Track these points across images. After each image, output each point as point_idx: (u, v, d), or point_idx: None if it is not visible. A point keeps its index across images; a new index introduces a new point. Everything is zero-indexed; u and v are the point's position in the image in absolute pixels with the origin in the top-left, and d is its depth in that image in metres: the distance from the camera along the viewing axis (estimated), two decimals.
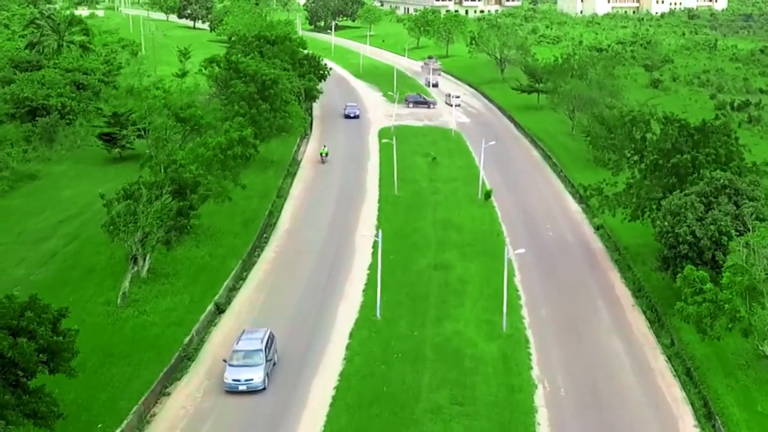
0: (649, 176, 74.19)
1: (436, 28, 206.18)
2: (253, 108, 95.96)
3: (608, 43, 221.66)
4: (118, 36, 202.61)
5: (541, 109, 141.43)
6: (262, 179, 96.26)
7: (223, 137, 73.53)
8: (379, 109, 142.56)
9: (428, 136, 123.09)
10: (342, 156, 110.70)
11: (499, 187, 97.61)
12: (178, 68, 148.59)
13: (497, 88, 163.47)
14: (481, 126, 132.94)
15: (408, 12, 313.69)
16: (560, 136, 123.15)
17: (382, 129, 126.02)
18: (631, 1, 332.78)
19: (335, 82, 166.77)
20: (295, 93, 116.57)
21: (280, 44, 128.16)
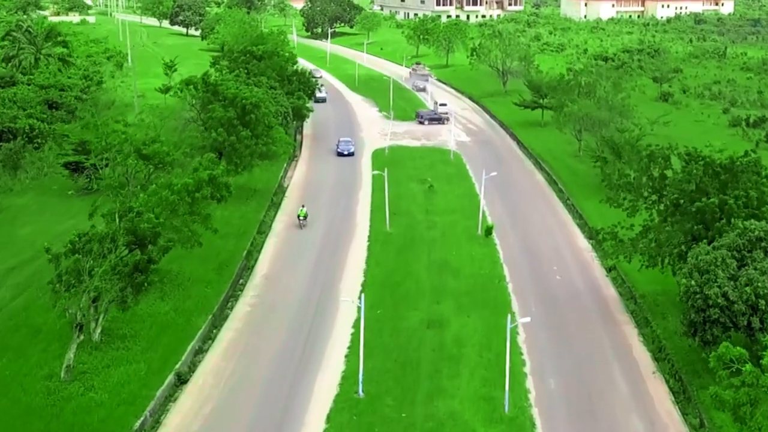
0: (670, 219, 65.69)
1: (435, 37, 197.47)
2: (232, 135, 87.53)
3: (614, 51, 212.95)
4: (104, 46, 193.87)
5: (546, 126, 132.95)
6: (242, 212, 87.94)
7: (191, 178, 64.96)
8: (374, 127, 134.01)
9: (425, 158, 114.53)
10: (331, 182, 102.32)
11: (501, 219, 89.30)
12: (162, 83, 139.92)
13: (499, 101, 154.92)
14: (482, 145, 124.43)
15: (408, 17, 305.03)
16: (566, 158, 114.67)
17: (376, 151, 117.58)
18: (636, 6, 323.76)
19: (329, 95, 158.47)
20: (282, 113, 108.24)
21: (268, 60, 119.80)
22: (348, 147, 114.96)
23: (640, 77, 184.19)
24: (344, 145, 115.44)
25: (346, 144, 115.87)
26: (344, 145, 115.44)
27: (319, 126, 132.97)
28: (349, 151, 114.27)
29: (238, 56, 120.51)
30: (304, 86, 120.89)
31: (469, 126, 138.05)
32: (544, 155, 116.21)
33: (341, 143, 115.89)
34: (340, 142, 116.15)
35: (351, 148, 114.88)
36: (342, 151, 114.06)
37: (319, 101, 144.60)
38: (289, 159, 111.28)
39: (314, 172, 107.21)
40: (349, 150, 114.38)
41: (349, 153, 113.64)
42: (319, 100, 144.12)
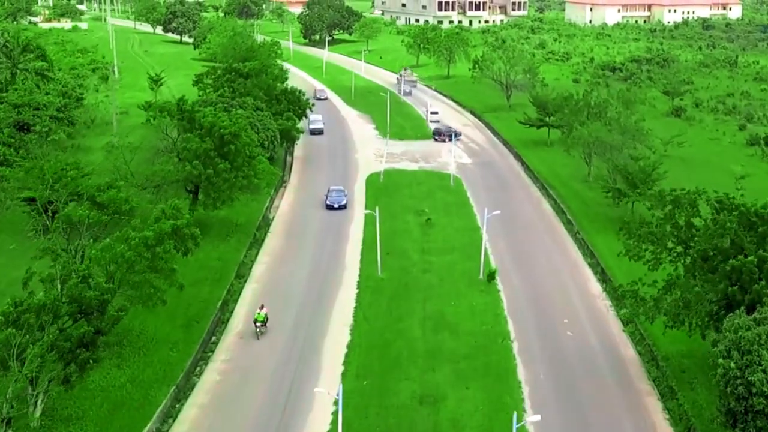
0: (699, 276, 57.22)
1: (436, 46, 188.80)
2: (209, 168, 79.04)
3: (621, 60, 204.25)
4: (91, 57, 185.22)
5: (552, 145, 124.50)
6: (221, 252, 79.52)
7: (151, 230, 56.47)
8: (369, 147, 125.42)
9: (423, 184, 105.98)
10: (321, 214, 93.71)
11: (505, 259, 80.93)
12: (147, 99, 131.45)
13: (503, 117, 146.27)
14: (485, 168, 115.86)
15: (409, 22, 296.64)
16: (574, 183, 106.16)
17: (371, 176, 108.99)
18: (641, 11, 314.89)
19: (325, 110, 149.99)
20: (269, 137, 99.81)
21: (255, 78, 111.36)
22: (339, 199, 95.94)
23: (649, 89, 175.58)
24: (335, 196, 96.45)
25: (337, 195, 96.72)
26: (335, 196, 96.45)
27: (312, 146, 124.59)
28: (340, 203, 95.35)
29: (222, 74, 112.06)
30: (294, 106, 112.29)
31: (470, 145, 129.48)
32: (551, 180, 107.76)
33: (331, 193, 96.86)
34: (331, 192, 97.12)
35: (342, 200, 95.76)
36: (332, 203, 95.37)
37: (315, 132, 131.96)
38: (277, 185, 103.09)
39: (303, 202, 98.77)
40: (340, 203, 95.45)
41: (340, 206, 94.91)
42: (315, 132, 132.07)
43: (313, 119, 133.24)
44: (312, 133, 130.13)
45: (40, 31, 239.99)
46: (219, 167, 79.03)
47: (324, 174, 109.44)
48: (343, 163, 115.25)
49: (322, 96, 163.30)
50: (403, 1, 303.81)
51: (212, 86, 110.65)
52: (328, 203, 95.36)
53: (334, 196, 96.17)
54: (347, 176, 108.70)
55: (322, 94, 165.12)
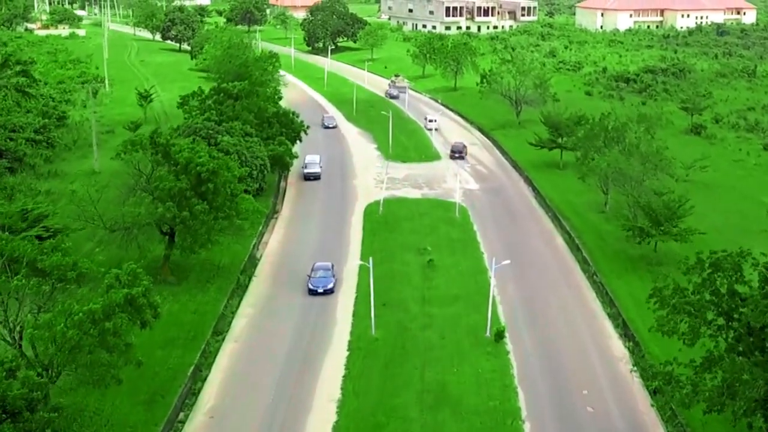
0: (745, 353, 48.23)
1: (442, 57, 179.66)
2: (185, 209, 70.19)
3: (635, 70, 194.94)
4: (81, 69, 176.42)
5: (565, 168, 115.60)
6: (198, 303, 70.80)
7: (99, 303, 47.62)
8: (370, 171, 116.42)
9: (426, 215, 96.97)
10: (312, 253, 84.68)
11: (515, 309, 72.18)
12: (134, 118, 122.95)
13: (512, 135, 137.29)
14: (493, 195, 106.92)
15: (416, 28, 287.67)
16: (590, 214, 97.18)
17: (370, 206, 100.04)
18: (654, 16, 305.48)
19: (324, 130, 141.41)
20: (258, 166, 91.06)
21: (245, 99, 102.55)
22: (325, 282, 73.53)
23: (665, 103, 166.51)
24: (320, 278, 73.79)
25: (324, 275, 74.18)
26: (320, 278, 73.79)
27: None
28: (326, 287, 73.11)
29: (210, 95, 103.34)
30: (287, 129, 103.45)
31: (478, 168, 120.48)
32: (564, 209, 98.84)
33: (316, 273, 74.43)
34: (315, 272, 74.57)
35: (329, 283, 73.42)
36: (315, 287, 72.86)
37: (310, 178, 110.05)
38: (268, 216, 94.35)
39: (294, 238, 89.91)
40: (325, 286, 73.15)
41: (325, 290, 73.19)
42: (309, 177, 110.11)
43: (309, 161, 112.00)
44: (306, 178, 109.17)
45: (35, 39, 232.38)
46: (196, 209, 70.17)
47: (319, 203, 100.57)
48: (340, 191, 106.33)
49: (330, 124, 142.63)
50: (410, 6, 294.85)
51: (198, 109, 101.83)
52: (311, 287, 73.20)
53: (319, 278, 73.99)
54: (344, 206, 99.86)
55: (330, 121, 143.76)
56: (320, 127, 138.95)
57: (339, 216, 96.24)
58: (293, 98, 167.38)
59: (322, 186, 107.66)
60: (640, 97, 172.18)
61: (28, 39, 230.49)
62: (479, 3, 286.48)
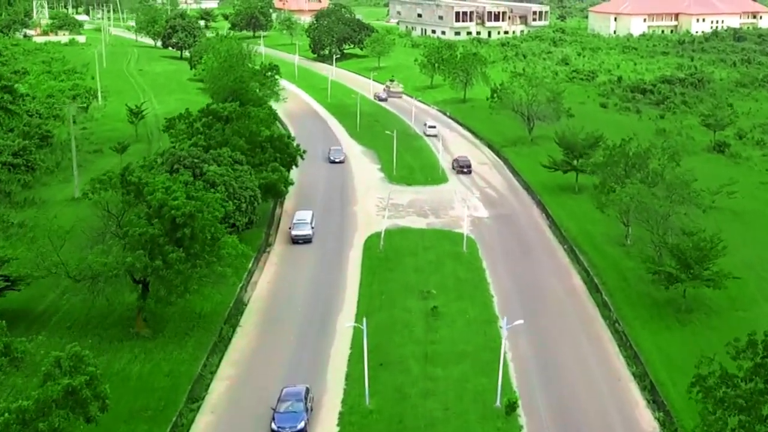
0: None
1: (451, 68, 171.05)
2: (157, 259, 62.01)
3: (651, 80, 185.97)
4: (74, 81, 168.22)
5: (581, 192, 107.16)
6: (173, 362, 62.81)
7: (33, 396, 39.50)
8: (372, 195, 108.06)
9: (431, 250, 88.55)
10: (304, 297, 76.55)
11: (529, 369, 63.89)
12: (117, 142, 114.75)
13: (524, 153, 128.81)
14: (504, 224, 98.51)
15: (425, 33, 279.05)
16: (610, 248, 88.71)
17: (370, 238, 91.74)
18: (668, 20, 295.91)
19: (326, 142, 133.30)
20: (247, 198, 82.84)
21: (236, 122, 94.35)
22: (294, 420, 54.69)
23: (685, 116, 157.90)
24: (287, 413, 55.13)
25: (293, 410, 55.33)
26: (287, 413, 55.13)
27: (305, 194, 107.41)
28: (295, 428, 54.49)
29: (198, 118, 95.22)
30: (282, 155, 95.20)
31: (487, 191, 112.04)
32: (581, 242, 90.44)
33: (282, 405, 55.85)
34: (282, 402, 56.04)
35: (299, 422, 54.70)
36: (281, 428, 54.41)
37: (299, 240, 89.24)
38: (260, 249, 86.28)
39: (286, 278, 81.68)
40: (294, 427, 54.48)
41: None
42: (298, 240, 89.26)
43: (298, 220, 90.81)
44: (294, 241, 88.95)
45: (32, 47, 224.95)
46: (170, 257, 61.97)
47: (315, 235, 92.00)
48: (339, 220, 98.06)
49: (338, 158, 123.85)
50: (419, 11, 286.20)
51: (186, 132, 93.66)
52: (276, 428, 54.67)
53: (286, 413, 55.30)
54: (343, 239, 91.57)
55: (337, 155, 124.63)
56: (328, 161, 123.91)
57: (337, 250, 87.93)
58: (294, 111, 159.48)
59: (320, 213, 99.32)
60: (657, 109, 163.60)
61: (25, 47, 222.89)
62: (490, 8, 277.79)
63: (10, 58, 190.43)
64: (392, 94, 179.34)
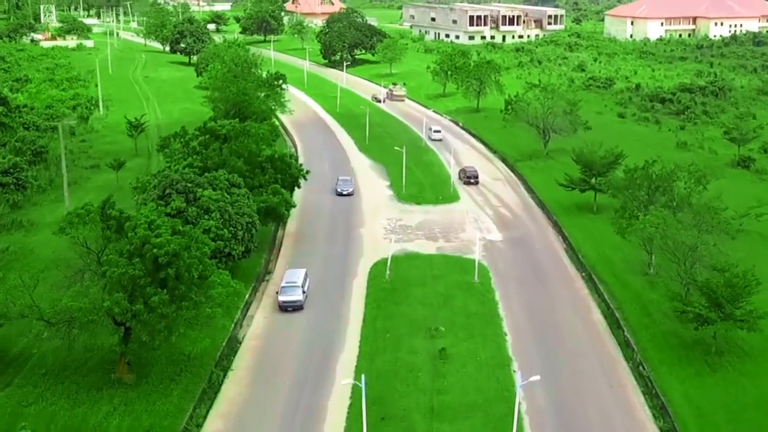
0: None
1: (464, 76, 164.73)
2: (138, 302, 56.11)
3: (671, 89, 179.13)
4: (75, 91, 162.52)
5: (599, 212, 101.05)
6: (155, 415, 56.90)
7: None
8: (380, 215, 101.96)
9: (440, 279, 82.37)
10: (303, 337, 70.54)
11: (544, 424, 57.60)
12: (113, 158, 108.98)
13: (539, 168, 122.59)
14: (518, 248, 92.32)
15: (438, 37, 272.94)
16: (631, 277, 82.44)
17: (376, 265, 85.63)
18: (686, 24, 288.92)
19: (331, 159, 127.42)
20: (244, 225, 76.92)
21: (234, 140, 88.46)
22: None
23: (706, 127, 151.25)
24: None
25: None
26: None
27: (308, 215, 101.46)
28: None
29: (194, 136, 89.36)
30: (283, 175, 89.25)
31: (501, 210, 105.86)
32: (601, 270, 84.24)
33: None
34: None
35: None
36: None
37: (288, 309, 75.19)
38: (258, 278, 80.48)
39: (286, 313, 75.41)
40: None
41: None
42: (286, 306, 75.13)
43: (288, 281, 76.69)
44: (282, 308, 75.15)
45: (38, 52, 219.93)
46: (152, 300, 56.04)
47: (318, 262, 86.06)
48: (343, 244, 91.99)
49: (346, 190, 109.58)
50: (433, 15, 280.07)
51: (182, 152, 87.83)
52: None
53: None
54: (347, 265, 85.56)
55: (345, 186, 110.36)
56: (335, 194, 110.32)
57: (340, 280, 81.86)
58: (302, 121, 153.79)
59: (323, 237, 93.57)
60: (677, 120, 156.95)
61: (31, 52, 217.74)
62: (504, 12, 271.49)
63: (14, 65, 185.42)
64: (394, 97, 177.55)
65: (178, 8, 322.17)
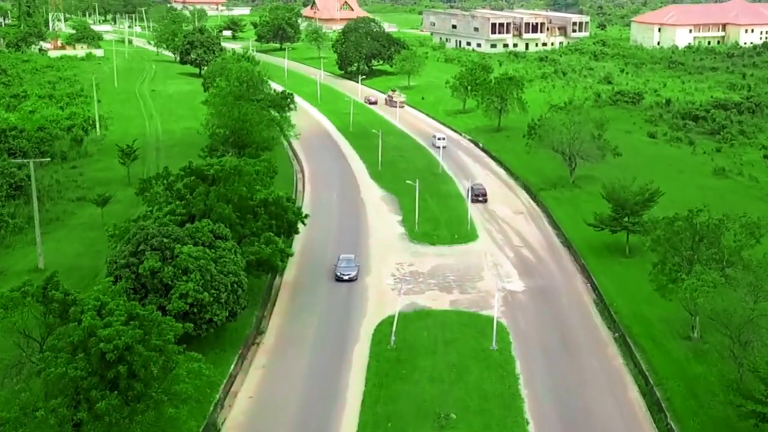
0: None
1: (485, 92, 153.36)
2: (81, 410, 45.53)
3: (703, 103, 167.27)
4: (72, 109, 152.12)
5: (633, 255, 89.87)
6: None
7: None
8: (389, 259, 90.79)
9: (452, 345, 71.15)
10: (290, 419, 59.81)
11: None
12: (97, 194, 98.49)
13: (565, 198, 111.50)
14: (542, 302, 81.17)
15: (460, 45, 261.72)
16: (672, 342, 71.25)
17: (381, 326, 74.58)
18: (715, 31, 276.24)
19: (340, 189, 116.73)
20: (230, 285, 66.27)
21: (224, 183, 77.78)
22: None
23: (744, 149, 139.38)
24: None
25: None
26: None
27: (308, 260, 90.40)
28: None
29: (177, 178, 78.78)
30: (279, 221, 78.51)
31: (523, 252, 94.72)
32: (637, 332, 73.22)
33: None
34: None
35: None
36: None
37: None
38: (245, 343, 69.87)
39: (274, 389, 64.71)
40: None
41: None
42: None
43: None
44: None
45: (44, 63, 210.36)
46: (98, 407, 45.41)
47: (316, 323, 75.16)
48: (346, 297, 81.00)
49: (347, 274, 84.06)
50: (454, 23, 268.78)
51: (164, 197, 77.31)
52: None
53: None
54: (348, 326, 74.50)
55: (347, 269, 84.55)
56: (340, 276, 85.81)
57: (339, 345, 70.97)
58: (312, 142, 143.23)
59: (325, 289, 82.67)
60: (713, 140, 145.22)
61: (36, 63, 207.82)
62: (527, 19, 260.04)
63: (15, 78, 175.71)
64: (393, 103, 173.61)
65: (194, 13, 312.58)
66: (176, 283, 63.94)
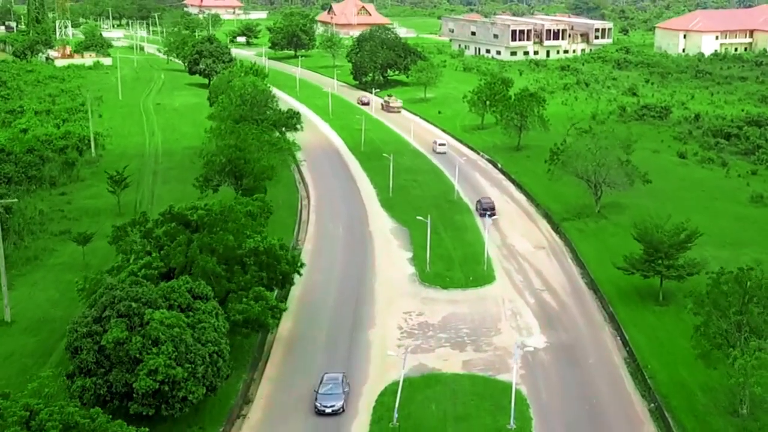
0: None
1: (504, 110, 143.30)
2: None
3: (734, 119, 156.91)
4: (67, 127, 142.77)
5: (667, 303, 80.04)
6: None
7: None
8: (396, 309, 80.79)
9: (463, 423, 61.43)
10: None
11: None
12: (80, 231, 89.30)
13: (590, 231, 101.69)
14: (566, 363, 71.31)
15: (479, 53, 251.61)
16: (718, 419, 61.75)
17: (383, 396, 64.91)
18: (742, 37, 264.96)
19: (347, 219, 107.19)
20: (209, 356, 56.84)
21: (208, 230, 68.26)
22: None
23: None
24: None
25: None
26: None
27: (304, 310, 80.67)
28: None
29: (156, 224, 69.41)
30: (270, 273, 68.97)
31: (544, 297, 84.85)
32: (676, 404, 63.42)
33: None
34: None
35: None
36: None
37: None
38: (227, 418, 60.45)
39: None
40: None
41: None
42: None
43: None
44: None
45: (49, 73, 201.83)
46: None
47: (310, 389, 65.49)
48: (346, 358, 71.30)
49: (330, 406, 62.33)
50: (473, 29, 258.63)
51: (141, 245, 67.93)
52: None
53: None
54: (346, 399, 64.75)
55: (330, 398, 63.03)
56: None
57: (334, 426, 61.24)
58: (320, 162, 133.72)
59: (322, 347, 73.09)
60: (747, 161, 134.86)
61: (40, 74, 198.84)
62: (549, 26, 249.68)
63: (14, 91, 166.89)
64: (390, 109, 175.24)
65: (208, 18, 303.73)
66: (145, 356, 54.68)
